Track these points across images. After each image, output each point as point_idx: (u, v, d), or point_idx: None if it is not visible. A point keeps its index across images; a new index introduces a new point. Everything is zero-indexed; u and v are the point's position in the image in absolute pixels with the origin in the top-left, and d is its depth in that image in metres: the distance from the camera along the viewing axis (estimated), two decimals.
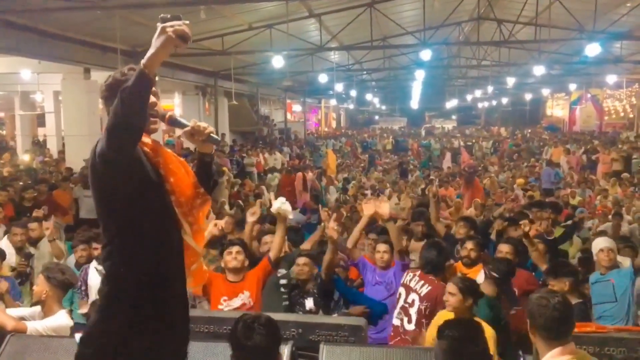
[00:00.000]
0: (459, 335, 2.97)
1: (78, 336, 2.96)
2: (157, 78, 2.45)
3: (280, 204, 4.73)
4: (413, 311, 4.58)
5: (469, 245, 5.47)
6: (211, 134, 2.49)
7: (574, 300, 4.25)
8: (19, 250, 6.09)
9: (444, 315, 3.90)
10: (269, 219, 6.30)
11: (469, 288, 4.00)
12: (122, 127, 2.11)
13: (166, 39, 2.11)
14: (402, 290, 4.75)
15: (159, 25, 2.13)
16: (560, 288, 4.36)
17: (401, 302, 4.70)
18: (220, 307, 4.45)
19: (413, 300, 4.61)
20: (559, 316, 2.71)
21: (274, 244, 4.80)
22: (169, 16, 2.14)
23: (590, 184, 15.17)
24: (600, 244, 5.40)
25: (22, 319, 3.93)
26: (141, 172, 2.33)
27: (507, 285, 4.70)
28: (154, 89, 2.32)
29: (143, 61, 2.12)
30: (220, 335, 3.64)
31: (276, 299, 4.66)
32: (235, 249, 4.69)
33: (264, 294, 4.67)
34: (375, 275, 5.07)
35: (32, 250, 6.29)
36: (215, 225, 4.86)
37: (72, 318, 4.29)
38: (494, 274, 4.53)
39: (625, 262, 5.65)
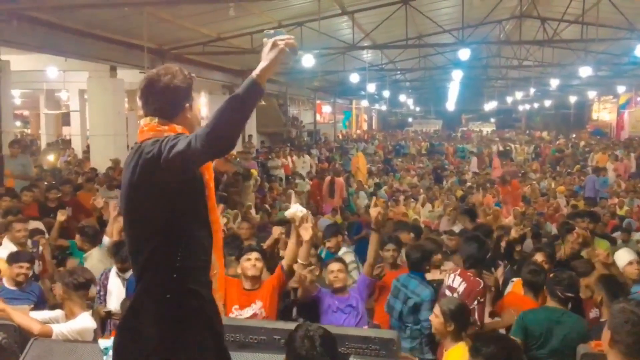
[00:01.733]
0: (497, 352, 2.95)
1: (103, 342, 3.02)
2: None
3: (296, 210, 4.70)
4: None
5: (540, 257, 5.43)
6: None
7: None
8: (21, 246, 6.21)
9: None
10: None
11: (453, 313, 3.98)
12: (226, 134, 2.19)
13: (279, 52, 2.24)
14: (448, 292, 4.88)
15: (268, 41, 2.27)
16: None
17: None
18: (231, 315, 4.42)
19: None
20: None
21: (287, 251, 4.72)
22: (272, 31, 2.31)
23: (639, 192, 14.82)
24: (626, 256, 5.36)
25: (46, 322, 4.04)
26: (200, 175, 2.51)
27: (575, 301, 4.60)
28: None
29: (257, 72, 2.23)
30: (245, 344, 3.66)
31: None
32: (254, 255, 4.64)
33: None
34: (334, 300, 4.70)
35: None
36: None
37: None
38: (567, 294, 4.39)
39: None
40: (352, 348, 3.57)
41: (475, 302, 4.72)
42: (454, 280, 4.93)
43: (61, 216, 7.03)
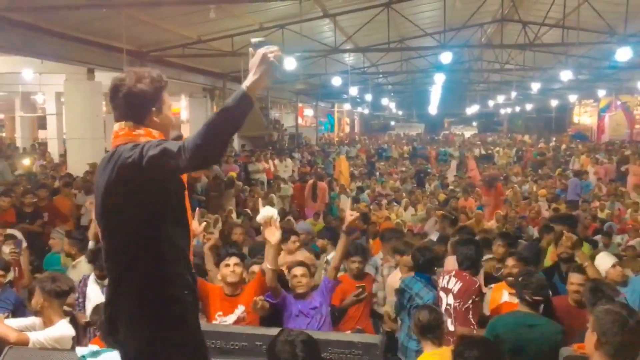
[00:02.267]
0: (479, 356, 2.97)
1: (80, 350, 2.98)
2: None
3: (267, 213, 4.68)
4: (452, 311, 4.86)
5: (511, 261, 5.35)
6: None
7: None
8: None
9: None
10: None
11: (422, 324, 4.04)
12: (216, 146, 2.21)
13: (269, 67, 2.29)
14: (442, 294, 5.00)
15: (255, 51, 2.32)
16: None
17: (444, 306, 4.93)
18: (214, 322, 4.41)
19: (451, 301, 4.88)
20: (637, 338, 2.66)
21: (266, 255, 4.66)
22: (258, 40, 2.36)
23: (620, 196, 15.04)
24: (608, 260, 5.42)
25: (22, 330, 3.97)
26: (179, 179, 2.53)
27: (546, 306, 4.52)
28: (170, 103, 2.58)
29: (247, 84, 2.27)
30: (227, 351, 3.65)
31: None
32: (233, 260, 4.61)
33: None
34: (297, 305, 4.64)
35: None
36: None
37: None
38: (536, 298, 4.30)
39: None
40: (335, 353, 3.57)
41: (470, 301, 4.81)
42: (449, 281, 5.02)
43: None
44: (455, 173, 21.83)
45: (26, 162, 16.02)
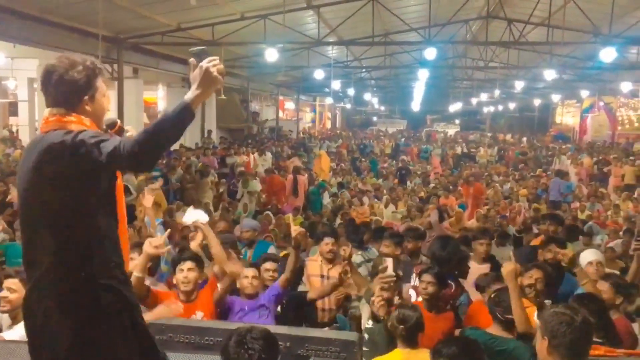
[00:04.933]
0: (458, 353, 2.99)
1: None
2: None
3: (193, 216, 4.55)
4: None
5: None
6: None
7: None
8: None
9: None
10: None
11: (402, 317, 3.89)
12: (152, 154, 2.29)
13: (213, 82, 2.31)
14: (411, 292, 4.95)
15: (194, 62, 2.34)
16: None
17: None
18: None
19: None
20: (585, 336, 2.74)
21: (214, 256, 4.69)
22: (198, 50, 2.37)
23: (600, 197, 15.27)
24: (588, 256, 5.39)
25: None
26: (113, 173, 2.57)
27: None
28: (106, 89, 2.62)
29: (190, 97, 2.29)
30: (201, 346, 3.63)
31: None
32: (187, 265, 4.42)
33: None
34: (244, 304, 4.64)
35: None
36: (151, 243, 4.07)
37: None
38: (508, 317, 3.99)
39: None
40: (312, 350, 3.57)
41: (449, 307, 4.79)
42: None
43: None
44: (438, 170, 22.08)
45: None
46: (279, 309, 4.82)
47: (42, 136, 2.47)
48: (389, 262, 4.53)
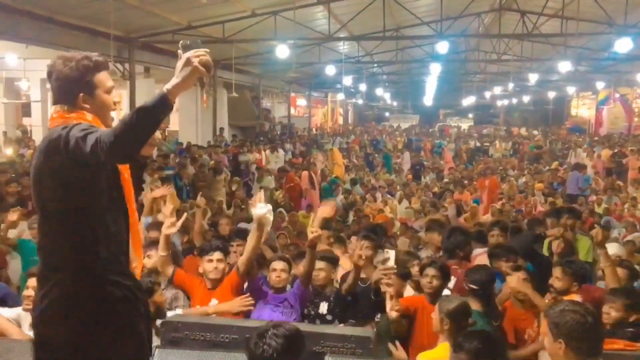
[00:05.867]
0: (480, 347, 3.00)
1: None
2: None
3: (265, 212, 4.57)
4: None
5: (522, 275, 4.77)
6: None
7: None
8: None
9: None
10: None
11: (451, 312, 3.89)
12: (129, 145, 2.25)
13: (193, 70, 2.26)
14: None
15: (181, 53, 2.30)
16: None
17: None
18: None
19: None
20: (597, 330, 2.73)
21: (245, 251, 4.70)
22: (188, 42, 2.33)
23: (617, 190, 15.13)
24: (610, 251, 5.36)
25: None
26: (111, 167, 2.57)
27: (488, 298, 4.53)
28: (111, 84, 2.62)
29: (168, 87, 2.26)
30: (217, 344, 3.64)
31: None
32: (216, 255, 4.65)
33: None
34: (270, 296, 4.71)
35: None
36: (173, 224, 4.70)
37: None
38: (472, 286, 4.40)
39: None
40: (327, 347, 3.57)
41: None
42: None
43: (12, 215, 6.56)
44: (409, 165, 22.09)
45: (8, 151, 15.89)
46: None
47: (47, 133, 2.54)
48: (391, 255, 4.54)
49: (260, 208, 4.56)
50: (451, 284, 4.95)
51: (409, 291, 4.95)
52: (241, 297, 4.50)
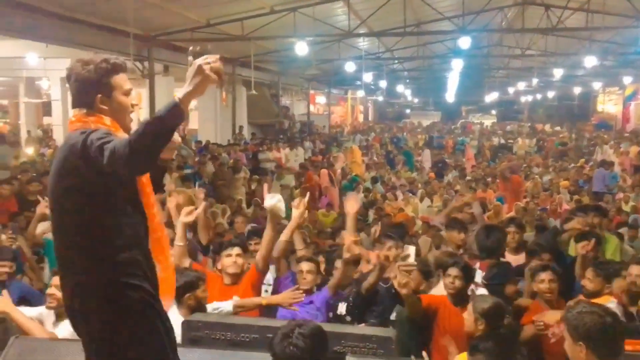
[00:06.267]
0: (494, 347, 3.00)
1: None
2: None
3: (276, 201, 4.62)
4: None
5: (545, 276, 4.64)
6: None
7: None
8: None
9: None
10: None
11: (485, 312, 3.87)
12: (145, 156, 2.25)
13: (204, 78, 2.26)
14: (473, 287, 4.86)
15: (192, 60, 2.29)
16: None
17: None
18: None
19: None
20: (617, 330, 2.71)
21: (261, 246, 4.73)
22: (198, 48, 2.32)
23: None
24: None
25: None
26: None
27: (500, 294, 4.55)
28: (129, 87, 2.63)
29: (179, 96, 2.25)
30: (237, 343, 3.66)
31: None
32: (235, 251, 4.72)
33: None
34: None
35: None
36: (190, 213, 4.69)
37: None
38: (484, 281, 4.47)
39: None
40: (348, 347, 3.57)
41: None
42: (477, 275, 4.98)
43: (42, 208, 6.59)
44: (429, 163, 21.98)
45: (29, 150, 16.12)
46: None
47: (66, 137, 2.58)
48: (411, 250, 4.50)
49: (271, 198, 4.63)
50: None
51: (439, 289, 4.90)
52: (291, 289, 4.48)
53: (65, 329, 3.84)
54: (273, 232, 4.70)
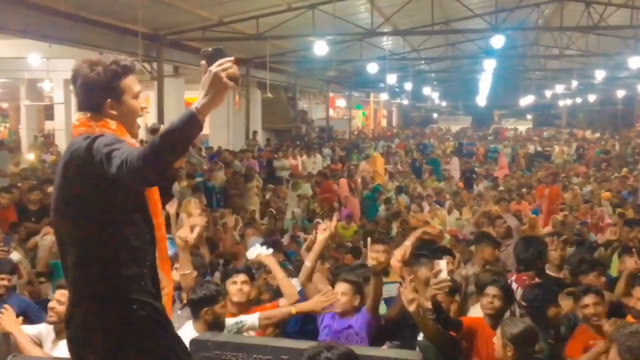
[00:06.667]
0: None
1: None
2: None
3: (258, 252, 4.66)
4: None
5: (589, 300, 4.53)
6: None
7: None
8: None
9: None
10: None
11: (514, 337, 3.83)
12: (159, 169, 2.29)
13: (222, 88, 2.27)
14: (442, 264, 4.74)
15: (205, 64, 2.30)
16: None
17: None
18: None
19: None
20: None
21: (283, 291, 4.71)
22: (210, 50, 2.32)
23: None
24: None
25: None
26: None
27: (542, 317, 4.50)
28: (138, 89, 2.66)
29: (197, 106, 2.26)
30: None
31: None
32: (240, 278, 4.66)
33: None
34: (334, 321, 4.64)
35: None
36: (180, 238, 4.49)
37: None
38: (524, 304, 4.44)
39: None
40: None
41: None
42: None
43: (49, 238, 6.78)
44: (458, 172, 21.89)
45: (30, 156, 16.30)
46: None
47: (70, 142, 2.60)
48: (443, 265, 4.40)
49: (253, 251, 4.74)
50: (518, 295, 4.95)
51: (476, 311, 4.86)
52: (323, 292, 4.44)
53: (65, 347, 3.87)
54: (284, 275, 4.76)
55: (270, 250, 4.94)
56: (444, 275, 4.27)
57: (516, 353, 3.74)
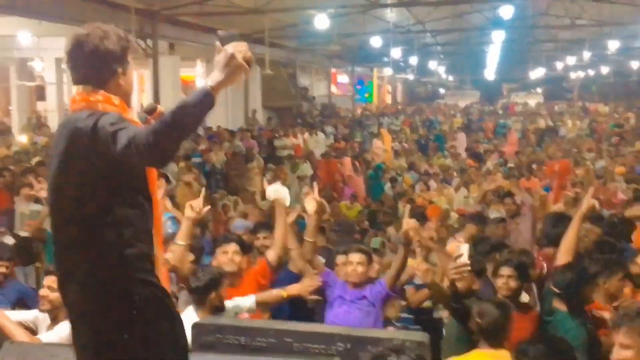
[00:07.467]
0: (547, 352, 2.99)
1: None
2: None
3: (279, 190, 4.73)
4: None
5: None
6: None
7: None
8: None
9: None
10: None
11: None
12: (170, 148, 2.30)
13: (238, 68, 2.30)
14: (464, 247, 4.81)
15: (219, 46, 2.33)
16: None
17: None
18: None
19: None
20: None
21: (275, 241, 4.77)
22: (226, 33, 2.39)
23: None
24: None
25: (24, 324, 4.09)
26: None
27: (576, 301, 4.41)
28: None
29: (211, 84, 2.28)
30: (252, 348, 3.71)
31: None
32: (231, 247, 4.70)
33: None
34: (346, 292, 4.64)
35: None
36: (192, 207, 4.47)
37: None
38: (555, 289, 4.33)
39: None
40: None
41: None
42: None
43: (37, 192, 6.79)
44: (465, 147, 21.87)
45: (23, 138, 16.30)
46: None
47: (69, 118, 2.59)
48: (464, 249, 4.40)
49: (271, 189, 4.77)
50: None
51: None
52: (309, 275, 4.51)
53: (61, 332, 3.93)
54: (285, 225, 4.74)
55: (288, 195, 4.92)
56: (464, 259, 4.29)
57: None
